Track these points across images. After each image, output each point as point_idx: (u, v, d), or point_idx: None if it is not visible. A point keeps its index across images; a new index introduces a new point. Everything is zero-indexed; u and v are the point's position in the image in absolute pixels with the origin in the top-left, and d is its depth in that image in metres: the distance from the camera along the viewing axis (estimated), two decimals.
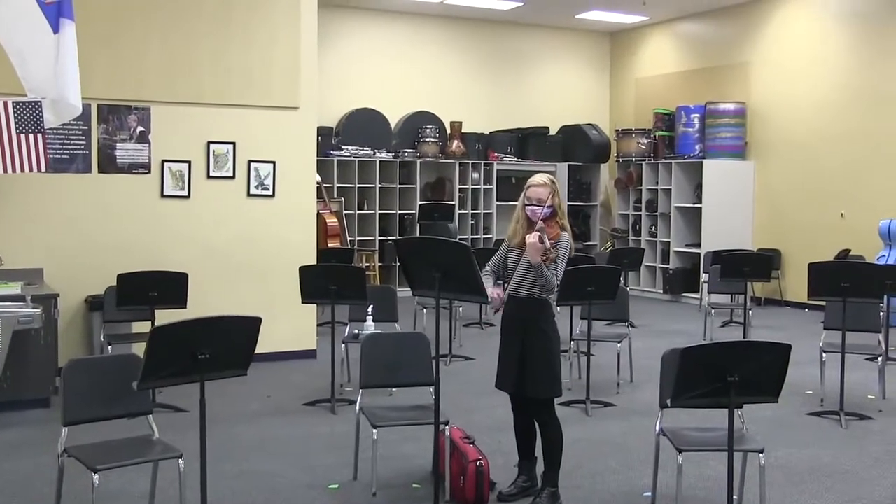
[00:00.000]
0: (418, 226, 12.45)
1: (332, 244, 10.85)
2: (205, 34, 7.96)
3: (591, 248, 14.21)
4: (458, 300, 7.53)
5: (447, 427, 4.78)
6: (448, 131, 13.57)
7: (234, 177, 8.15)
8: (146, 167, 7.82)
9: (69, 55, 6.16)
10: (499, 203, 13.74)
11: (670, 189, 13.10)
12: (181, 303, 6.72)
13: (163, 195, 7.89)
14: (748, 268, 8.56)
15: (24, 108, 6.17)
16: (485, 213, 13.91)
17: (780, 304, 12.27)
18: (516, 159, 13.99)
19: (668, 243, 13.18)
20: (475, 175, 13.71)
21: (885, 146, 11.15)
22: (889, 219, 10.61)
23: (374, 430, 4.71)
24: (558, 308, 5.65)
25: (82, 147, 7.56)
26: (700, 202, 12.63)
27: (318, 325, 8.71)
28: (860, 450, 5.77)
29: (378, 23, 13.59)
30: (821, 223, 11.84)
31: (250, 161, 8.20)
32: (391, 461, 5.31)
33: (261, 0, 8.19)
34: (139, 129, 7.76)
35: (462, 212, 13.53)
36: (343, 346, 7.22)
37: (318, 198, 9.23)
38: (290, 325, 8.20)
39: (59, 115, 6.34)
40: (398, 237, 12.36)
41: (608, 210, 14.95)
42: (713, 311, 9.71)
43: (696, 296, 12.27)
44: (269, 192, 8.29)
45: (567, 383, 6.69)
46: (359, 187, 12.74)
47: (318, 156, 8.90)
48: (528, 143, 14.10)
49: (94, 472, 3.82)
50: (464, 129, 13.58)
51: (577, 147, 14.39)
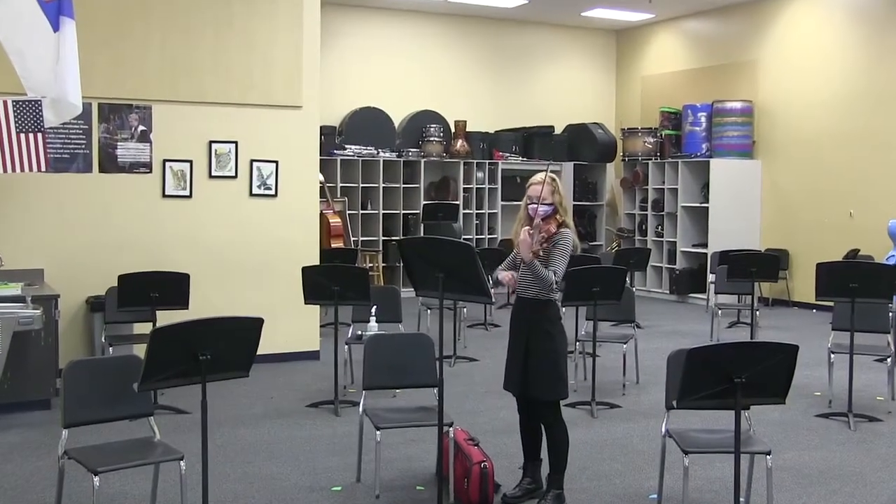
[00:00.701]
0: (422, 226, 12.45)
1: (336, 244, 10.86)
2: (207, 32, 7.97)
3: (597, 248, 14.19)
4: (463, 301, 7.55)
5: (451, 429, 4.78)
6: (452, 130, 13.57)
7: (236, 176, 8.16)
8: (147, 167, 7.82)
9: (69, 54, 6.17)
10: (503, 203, 13.73)
11: (677, 188, 13.09)
12: (183, 303, 6.74)
13: (164, 195, 7.90)
14: (755, 268, 8.55)
15: (24, 107, 6.17)
16: (489, 213, 13.90)
17: (787, 305, 12.25)
18: (521, 158, 13.98)
19: (675, 243, 13.17)
20: (480, 174, 13.71)
21: (894, 145, 11.13)
22: None
23: (378, 432, 4.71)
24: (564, 309, 5.64)
25: (83, 146, 7.57)
26: (707, 202, 12.62)
27: (321, 325, 8.73)
28: (869, 452, 5.77)
29: (381, 21, 13.59)
30: (829, 223, 11.82)
31: (253, 161, 8.21)
32: (395, 463, 5.31)
33: None
34: (140, 128, 7.77)
35: (466, 211, 13.52)
36: (346, 347, 7.21)
37: (321, 198, 9.23)
38: (293, 325, 8.20)
39: (59, 114, 6.35)
40: (402, 237, 12.36)
41: (614, 210, 14.94)
42: (720, 311, 9.70)
43: (703, 296, 12.26)
44: (272, 192, 8.30)
45: (573, 385, 6.68)
46: (362, 187, 12.74)
47: (321, 155, 8.89)
48: (534, 142, 14.09)
49: (95, 475, 3.83)
50: (468, 129, 13.57)
51: (582, 146, 14.38)
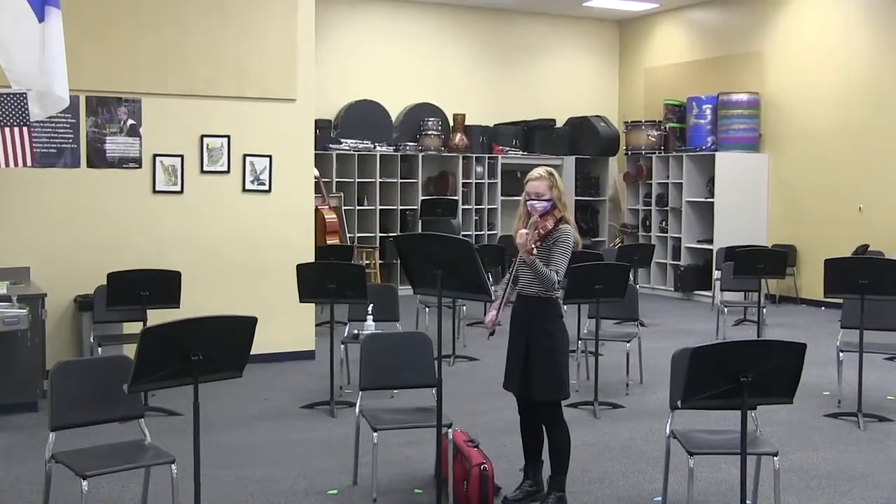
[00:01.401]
0: (420, 222, 12.43)
1: (331, 241, 10.85)
2: (198, 23, 7.96)
3: (600, 245, 14.21)
4: (462, 298, 7.54)
5: (450, 430, 4.78)
6: (451, 124, 13.56)
7: (228, 171, 8.15)
8: (137, 162, 7.81)
9: (55, 45, 6.14)
10: (503, 198, 13.74)
11: (681, 183, 13.08)
12: (174, 302, 6.74)
13: (155, 191, 7.88)
14: (762, 264, 8.57)
15: (9, 100, 6.15)
16: (489, 209, 13.91)
17: (795, 302, 12.26)
18: (521, 153, 13.98)
19: (679, 239, 13.17)
20: (479, 169, 13.71)
21: None
22: None
23: (375, 434, 4.71)
24: (566, 307, 5.64)
25: (70, 141, 7.56)
26: (712, 196, 12.61)
27: (316, 324, 8.73)
28: (879, 453, 5.77)
29: (378, 11, 13.58)
30: (838, 218, 11.82)
31: (246, 155, 8.20)
32: (392, 466, 5.31)
33: None
34: (130, 121, 7.75)
35: (466, 207, 13.53)
36: (342, 346, 7.21)
37: (316, 193, 9.23)
38: (288, 324, 8.20)
39: (45, 107, 6.33)
40: (399, 233, 12.36)
41: (617, 205, 14.94)
42: (726, 309, 9.70)
43: (709, 293, 12.27)
44: (266, 188, 8.29)
45: (574, 384, 6.68)
46: (358, 182, 12.74)
47: (316, 149, 8.90)
48: (534, 135, 14.10)
49: (84, 479, 3.82)
50: (467, 122, 13.57)
51: (584, 140, 14.38)
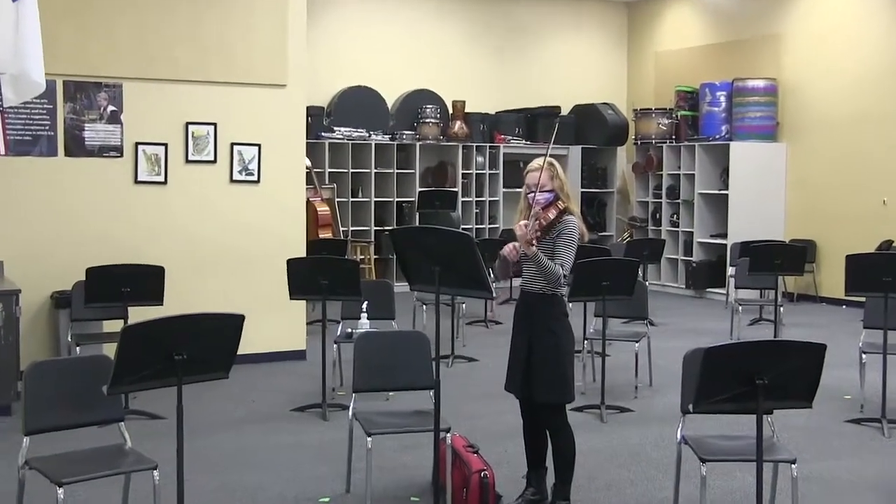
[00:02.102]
0: (418, 215, 12.44)
1: (324, 235, 10.86)
2: (182, 3, 7.93)
3: (607, 239, 14.21)
4: (461, 296, 7.53)
5: (448, 434, 4.78)
6: (450, 111, 13.55)
7: (215, 161, 8.14)
8: (118, 150, 7.80)
9: (30, 26, 6.08)
10: (505, 190, 13.73)
11: (693, 174, 13.08)
12: (157, 299, 6.73)
13: (136, 181, 7.88)
14: (779, 260, 8.54)
15: None
16: (490, 201, 13.92)
17: (814, 301, 12.26)
18: (525, 142, 13.97)
19: (692, 234, 13.17)
20: (480, 159, 13.71)
21: None
22: None
23: (369, 438, 4.70)
24: (571, 305, 5.63)
25: (46, 128, 7.54)
26: (726, 188, 12.61)
27: (307, 323, 8.72)
28: None
29: None
30: (860, 211, 11.81)
31: (233, 144, 8.19)
32: (387, 472, 5.32)
33: None
34: (110, 108, 7.74)
35: (466, 199, 13.53)
36: (335, 346, 7.22)
37: (307, 184, 9.23)
38: (277, 323, 8.20)
39: (20, 92, 6.27)
40: (395, 227, 12.34)
41: (625, 197, 14.95)
42: (741, 307, 9.70)
43: (722, 291, 12.28)
44: (254, 178, 8.28)
45: (580, 387, 6.68)
46: (352, 173, 12.74)
47: (307, 138, 8.90)
48: (538, 124, 14.09)
49: (59, 486, 3.81)
50: (467, 109, 13.56)
51: (591, 128, 14.37)
